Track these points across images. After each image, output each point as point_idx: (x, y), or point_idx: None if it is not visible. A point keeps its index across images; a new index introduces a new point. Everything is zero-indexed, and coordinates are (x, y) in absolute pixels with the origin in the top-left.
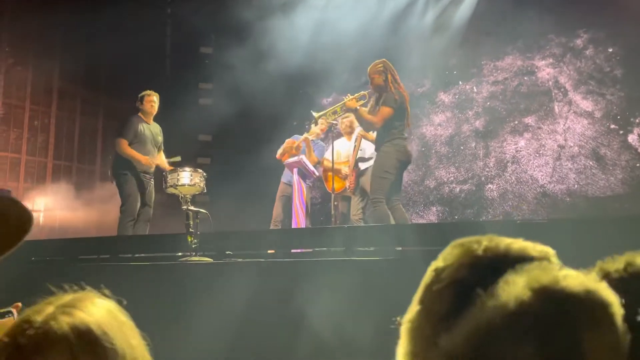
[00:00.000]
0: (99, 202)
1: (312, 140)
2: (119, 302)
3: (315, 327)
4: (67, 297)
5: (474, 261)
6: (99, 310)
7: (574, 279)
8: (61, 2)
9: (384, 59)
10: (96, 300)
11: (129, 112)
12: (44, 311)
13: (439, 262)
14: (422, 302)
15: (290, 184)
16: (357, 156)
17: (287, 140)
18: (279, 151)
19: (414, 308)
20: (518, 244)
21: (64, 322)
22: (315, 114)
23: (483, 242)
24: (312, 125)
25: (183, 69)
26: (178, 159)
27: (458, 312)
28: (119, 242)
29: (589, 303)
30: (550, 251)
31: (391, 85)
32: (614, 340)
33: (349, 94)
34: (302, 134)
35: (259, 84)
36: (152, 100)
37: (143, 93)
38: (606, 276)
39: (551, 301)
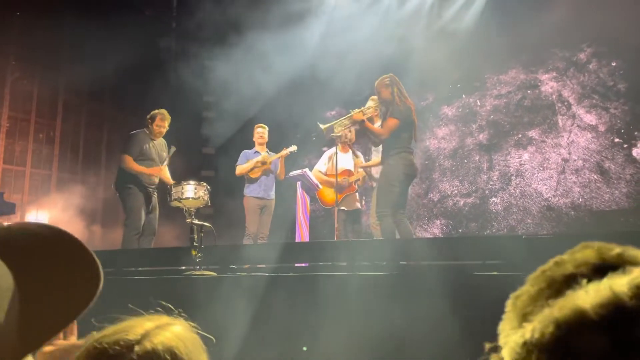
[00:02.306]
0: (103, 215)
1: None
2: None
3: (320, 341)
4: (159, 318)
5: (600, 263)
6: (184, 335)
7: None
8: (67, 15)
9: (391, 74)
10: (180, 324)
11: (133, 124)
12: (142, 326)
13: (564, 256)
14: (533, 283)
15: (261, 198)
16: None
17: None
18: (246, 166)
19: (524, 287)
20: None
21: (160, 342)
22: (321, 126)
23: (617, 249)
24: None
25: (187, 82)
26: (173, 149)
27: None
28: (123, 256)
29: None
30: None
31: (397, 98)
32: None
33: (356, 109)
34: (307, 146)
35: (263, 97)
36: (163, 126)
37: (156, 113)
38: None
39: None
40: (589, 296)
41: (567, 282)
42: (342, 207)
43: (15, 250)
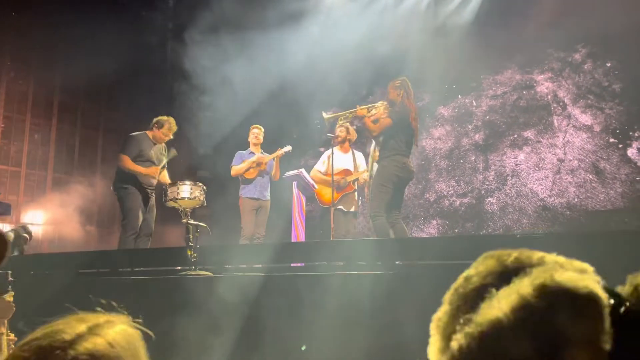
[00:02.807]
0: (98, 216)
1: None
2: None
3: (316, 341)
4: (99, 318)
5: (502, 270)
6: (117, 339)
7: (568, 276)
8: (63, 16)
9: (404, 77)
10: (118, 327)
11: (129, 125)
12: (76, 329)
13: (470, 270)
14: (450, 302)
15: (256, 199)
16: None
17: (254, 158)
18: (241, 167)
19: (442, 308)
20: (551, 258)
21: (86, 349)
22: (325, 116)
23: (514, 254)
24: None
25: (182, 82)
26: (174, 152)
27: (478, 311)
28: (119, 256)
29: (575, 295)
30: (588, 268)
31: (400, 99)
32: (595, 332)
33: (364, 105)
34: (302, 147)
35: (259, 97)
36: (169, 135)
37: (164, 121)
38: (636, 289)
39: (545, 295)
40: (500, 304)
41: (479, 295)
42: (340, 207)
43: None
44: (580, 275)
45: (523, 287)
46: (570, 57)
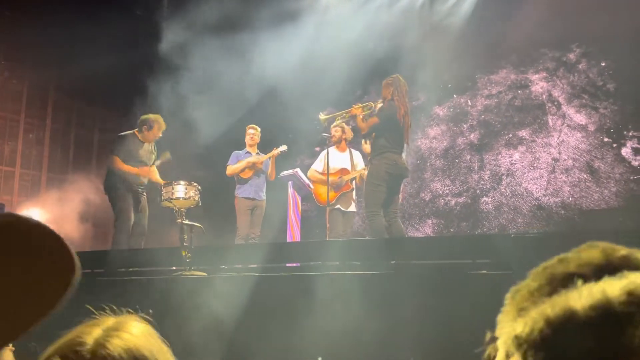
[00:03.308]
0: (93, 216)
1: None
2: (148, 321)
3: (309, 340)
4: (112, 320)
5: (604, 264)
6: (144, 334)
7: None
8: (57, 15)
9: (398, 75)
10: (137, 324)
11: (124, 125)
12: (92, 333)
13: (569, 254)
14: (534, 278)
15: (251, 199)
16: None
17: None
18: (236, 167)
19: (525, 281)
20: None
21: (118, 346)
22: (322, 117)
23: (623, 251)
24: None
25: (178, 81)
26: (167, 155)
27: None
28: (113, 257)
29: None
30: None
31: (390, 97)
32: None
33: (359, 104)
34: (298, 146)
35: (255, 96)
36: (158, 135)
37: (153, 121)
38: None
39: (630, 303)
40: (581, 297)
41: (566, 281)
42: (337, 206)
43: None
44: None
45: (611, 288)
46: (564, 56)
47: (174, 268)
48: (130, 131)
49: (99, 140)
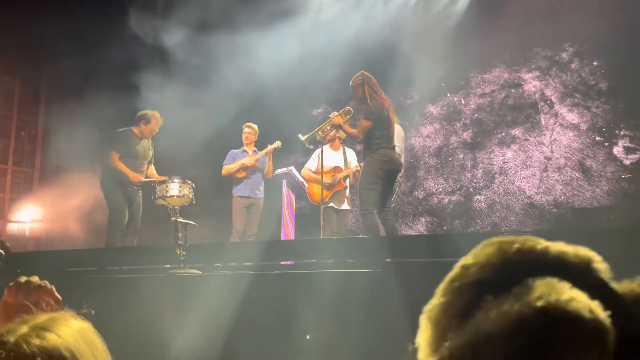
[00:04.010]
0: (86, 214)
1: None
2: (90, 315)
3: (303, 339)
4: (43, 318)
5: (502, 263)
6: (71, 332)
7: (575, 301)
8: (50, 12)
9: (363, 71)
10: (71, 322)
11: (118, 122)
12: (18, 331)
13: (468, 259)
14: (443, 294)
15: (247, 197)
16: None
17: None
18: (231, 167)
19: (435, 299)
20: (557, 248)
21: (34, 345)
22: (302, 137)
23: (516, 243)
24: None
25: (173, 79)
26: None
27: (471, 313)
28: (107, 254)
29: (580, 328)
30: (594, 257)
31: (368, 97)
32: None
33: (335, 112)
34: (292, 144)
35: (250, 95)
36: (156, 129)
37: (150, 116)
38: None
39: (546, 322)
40: (497, 319)
41: (474, 291)
42: (331, 205)
43: None
44: (586, 300)
45: (523, 305)
46: (557, 55)
47: (168, 266)
48: (128, 127)
49: (93, 138)
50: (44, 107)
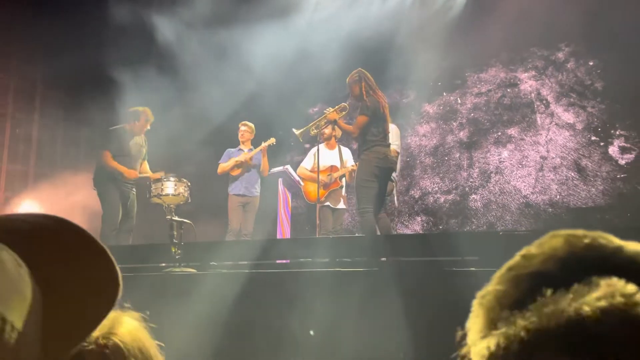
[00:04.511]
0: (81, 212)
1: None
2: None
3: (299, 338)
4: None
5: (568, 256)
6: (133, 330)
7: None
8: (45, 9)
9: (360, 68)
10: (127, 319)
11: (113, 121)
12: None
13: (531, 249)
14: (498, 282)
15: (242, 195)
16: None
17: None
18: (226, 165)
19: (490, 285)
20: (632, 248)
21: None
22: (296, 132)
23: (587, 238)
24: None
25: (169, 77)
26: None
27: (525, 304)
28: None
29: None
30: None
31: (364, 93)
32: None
33: (330, 108)
34: (288, 143)
35: (246, 93)
36: (147, 126)
37: (140, 112)
38: None
39: (605, 324)
40: (554, 315)
41: (533, 283)
42: (327, 203)
43: (27, 246)
44: None
45: (584, 304)
46: (553, 55)
47: (163, 264)
48: (120, 125)
49: (88, 136)
50: (39, 104)
